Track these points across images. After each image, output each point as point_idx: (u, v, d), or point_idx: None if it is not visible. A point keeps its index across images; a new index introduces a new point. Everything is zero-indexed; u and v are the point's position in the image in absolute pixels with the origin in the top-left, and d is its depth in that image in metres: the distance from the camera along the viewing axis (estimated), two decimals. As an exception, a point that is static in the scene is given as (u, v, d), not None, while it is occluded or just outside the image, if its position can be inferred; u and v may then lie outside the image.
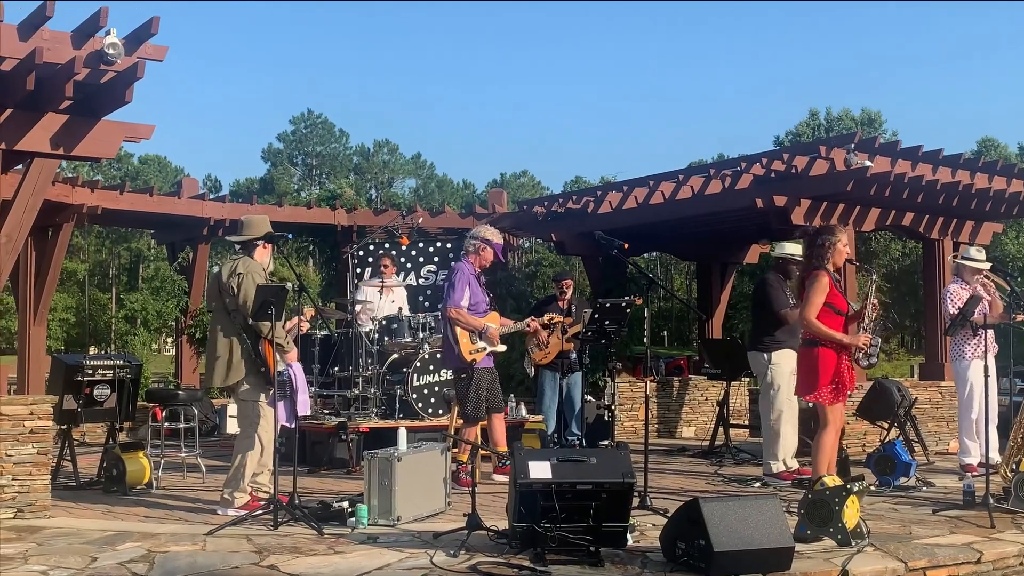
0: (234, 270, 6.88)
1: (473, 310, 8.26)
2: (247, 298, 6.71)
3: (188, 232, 14.95)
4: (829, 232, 7.17)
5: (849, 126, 66.85)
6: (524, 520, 5.38)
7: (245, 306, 6.72)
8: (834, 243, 7.05)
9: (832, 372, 6.83)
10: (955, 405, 10.48)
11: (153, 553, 5.53)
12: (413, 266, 14.57)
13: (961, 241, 12.41)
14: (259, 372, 6.81)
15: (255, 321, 6.64)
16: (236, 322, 6.84)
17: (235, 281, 6.81)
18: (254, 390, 6.86)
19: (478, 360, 8.19)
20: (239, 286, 6.78)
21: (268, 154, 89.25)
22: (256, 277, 6.80)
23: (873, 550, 5.65)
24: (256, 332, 6.75)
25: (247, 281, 6.77)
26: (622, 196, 13.25)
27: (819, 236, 7.14)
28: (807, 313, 6.86)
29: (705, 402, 13.59)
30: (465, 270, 8.29)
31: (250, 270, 6.85)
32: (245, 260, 6.94)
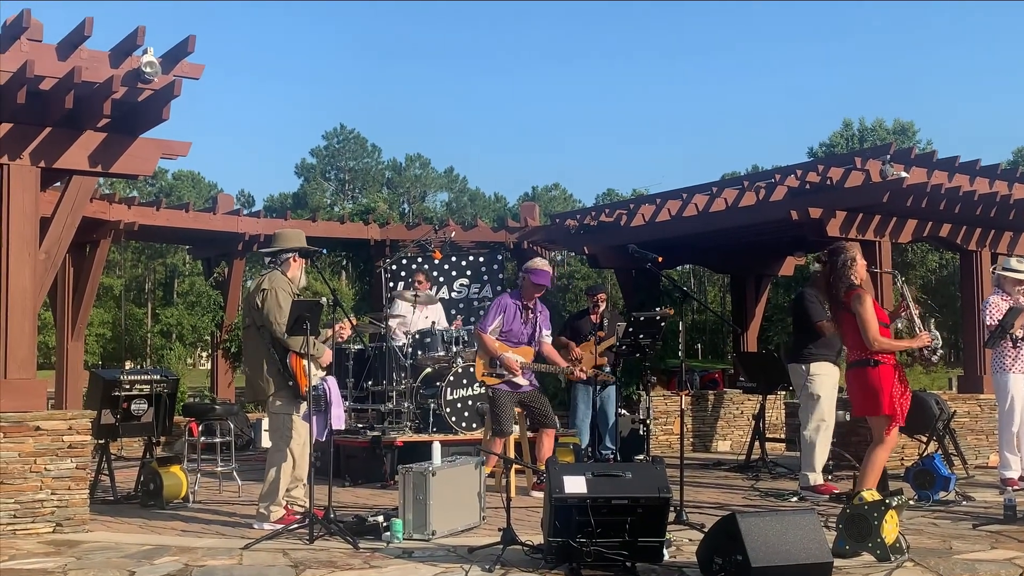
0: (259, 285, 6.97)
1: (505, 339, 8.48)
2: (270, 313, 6.79)
3: (223, 247, 15.09)
4: (842, 251, 7.34)
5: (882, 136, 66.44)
6: (559, 535, 5.37)
7: (268, 321, 6.79)
8: (853, 258, 7.22)
9: (891, 387, 6.91)
10: (995, 418, 10.35)
11: (190, 567, 5.56)
12: (446, 280, 14.62)
13: (999, 252, 12.25)
14: (288, 386, 6.84)
15: (290, 336, 6.67)
16: (264, 337, 6.89)
17: (260, 297, 6.89)
18: (285, 404, 6.90)
19: (488, 383, 8.42)
20: (263, 302, 6.85)
21: (301, 169, 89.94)
22: (281, 292, 6.84)
23: (913, 565, 5.57)
24: (284, 346, 6.79)
25: (271, 297, 6.83)
26: (655, 209, 13.21)
27: (836, 258, 7.26)
28: (872, 334, 6.99)
29: (740, 416, 13.50)
30: (504, 299, 8.60)
31: (275, 285, 6.89)
32: (272, 275, 6.99)
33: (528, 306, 8.61)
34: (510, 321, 8.51)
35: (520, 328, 8.56)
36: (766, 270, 15.05)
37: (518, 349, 8.56)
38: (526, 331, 8.59)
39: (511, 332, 8.53)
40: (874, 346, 6.97)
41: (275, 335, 6.79)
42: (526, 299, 8.60)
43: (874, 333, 6.96)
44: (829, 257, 7.37)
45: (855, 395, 7.28)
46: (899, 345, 7.08)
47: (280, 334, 6.74)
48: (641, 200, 14.25)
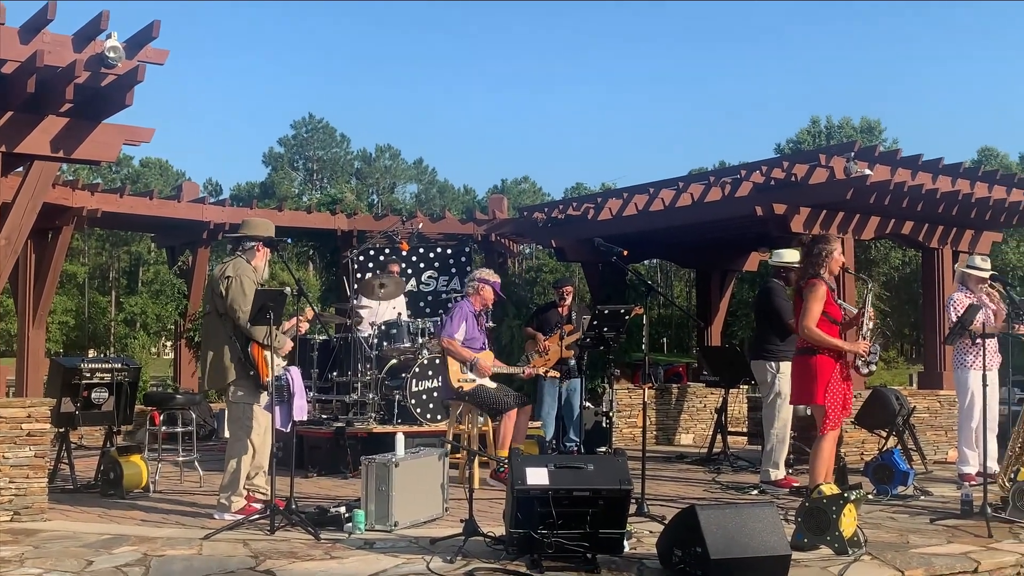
0: (223, 272, 6.90)
1: (468, 345, 8.71)
2: (234, 301, 6.73)
3: (188, 235, 14.95)
4: (824, 241, 7.25)
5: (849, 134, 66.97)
6: (521, 526, 5.38)
7: (231, 309, 6.74)
8: (830, 251, 7.16)
9: (829, 378, 6.90)
10: (954, 414, 10.48)
11: (149, 557, 5.52)
12: (414, 272, 14.58)
13: (961, 250, 12.40)
14: (249, 376, 6.79)
15: (253, 325, 6.63)
16: (226, 324, 6.83)
17: (224, 284, 6.82)
18: (246, 393, 6.85)
19: (465, 388, 8.56)
20: (228, 289, 6.79)
21: (269, 158, 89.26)
22: (246, 281, 6.79)
23: (870, 559, 5.64)
24: (246, 335, 6.74)
25: (235, 285, 6.77)
26: (622, 203, 13.25)
27: (814, 245, 7.23)
28: (807, 322, 6.94)
29: (704, 409, 13.58)
30: (464, 307, 8.79)
31: (239, 273, 6.83)
32: (237, 263, 6.93)
33: (481, 312, 8.96)
34: (471, 329, 8.77)
35: (478, 335, 8.86)
36: (731, 265, 15.14)
37: (481, 354, 8.78)
38: (481, 337, 8.92)
39: (474, 339, 8.80)
40: (802, 333, 7.00)
41: (238, 324, 6.74)
42: (480, 306, 8.91)
43: (807, 321, 6.92)
44: (811, 242, 7.36)
45: (794, 383, 7.31)
46: (828, 341, 6.95)
47: (243, 323, 6.69)
48: (608, 194, 14.29)
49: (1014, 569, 5.79)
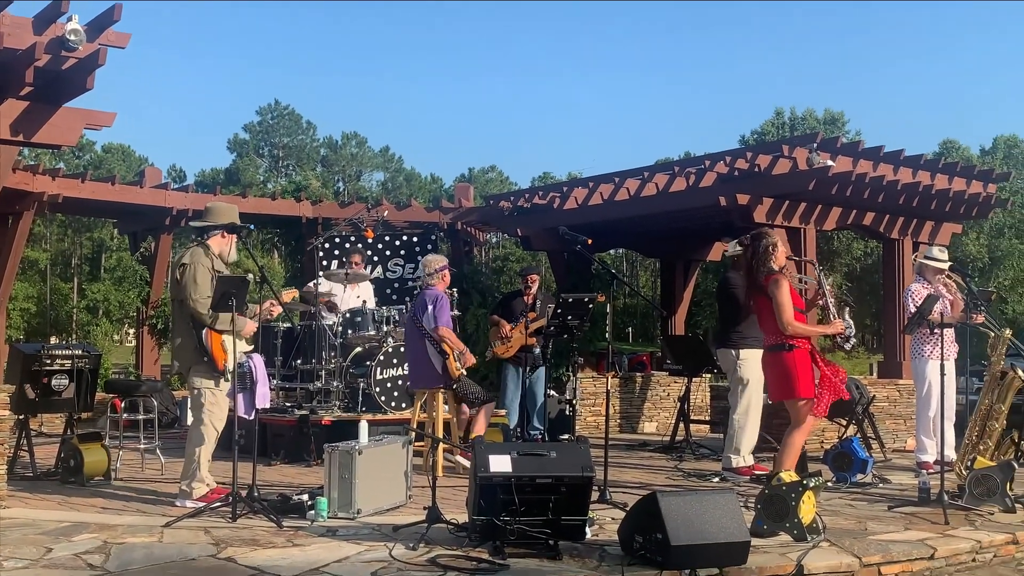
0: (180, 260, 6.90)
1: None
2: (186, 287, 6.72)
3: (150, 222, 14.82)
4: (764, 237, 7.42)
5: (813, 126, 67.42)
6: (484, 513, 5.39)
7: (184, 296, 6.73)
8: (775, 244, 7.32)
9: (809, 371, 7.01)
10: (912, 403, 10.62)
11: (109, 544, 5.49)
12: (380, 259, 14.56)
13: (921, 241, 12.56)
14: (203, 362, 6.77)
15: (215, 312, 6.60)
16: (185, 311, 6.82)
17: (179, 272, 6.82)
18: (203, 380, 6.82)
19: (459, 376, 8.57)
20: (182, 276, 6.78)
21: (234, 145, 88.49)
22: (199, 268, 6.75)
23: (828, 545, 5.71)
24: (201, 321, 6.72)
25: (188, 272, 6.75)
26: (588, 192, 13.30)
27: (758, 243, 7.37)
28: (787, 318, 7.06)
29: (667, 398, 13.67)
30: (444, 296, 8.67)
31: (194, 260, 6.81)
32: (194, 250, 6.90)
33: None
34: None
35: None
36: (695, 255, 15.25)
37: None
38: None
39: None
40: (787, 330, 7.09)
41: (190, 310, 6.72)
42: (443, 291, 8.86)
43: (788, 317, 7.06)
44: (752, 242, 7.48)
45: (771, 379, 7.41)
46: (812, 330, 7.19)
47: (194, 309, 6.67)
48: (574, 183, 14.34)
49: (969, 555, 5.90)
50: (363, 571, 4.95)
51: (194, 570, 4.97)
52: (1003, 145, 68.34)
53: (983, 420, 7.64)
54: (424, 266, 8.86)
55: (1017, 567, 5.98)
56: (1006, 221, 51.53)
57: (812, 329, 7.21)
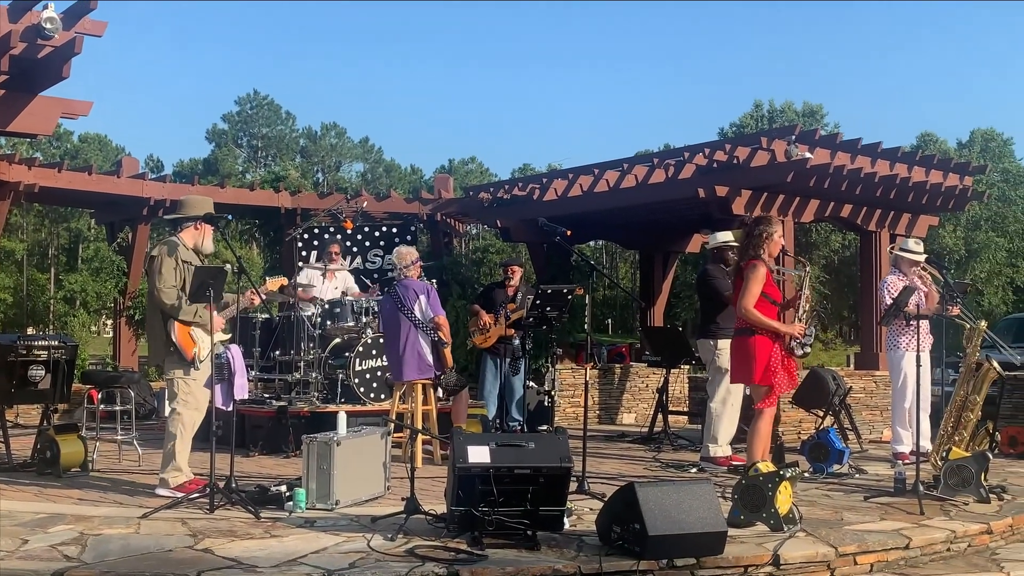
0: (150, 252, 6.93)
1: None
2: (152, 278, 6.74)
3: (128, 212, 14.73)
4: (766, 223, 7.35)
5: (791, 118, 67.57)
6: (462, 504, 5.40)
7: (151, 286, 6.75)
8: (771, 233, 7.25)
9: (768, 359, 7.00)
10: (889, 394, 10.69)
11: (86, 536, 5.46)
12: (359, 250, 14.53)
13: (898, 233, 12.63)
14: (171, 352, 6.78)
15: (193, 302, 6.59)
16: (156, 303, 6.81)
17: (148, 263, 6.86)
18: (172, 369, 6.83)
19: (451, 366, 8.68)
20: (149, 268, 6.82)
21: (212, 135, 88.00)
22: (166, 260, 6.75)
23: (805, 535, 5.75)
24: (166, 312, 6.71)
25: (155, 264, 6.76)
26: (567, 183, 13.31)
27: (756, 226, 7.33)
28: (745, 302, 7.04)
29: (645, 389, 13.72)
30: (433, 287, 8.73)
31: (162, 253, 6.81)
32: (166, 243, 6.89)
33: None
34: None
35: None
36: (674, 247, 15.28)
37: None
38: None
39: None
40: (739, 312, 7.11)
41: (156, 301, 6.73)
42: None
43: (745, 302, 7.03)
44: (752, 223, 7.46)
45: (732, 362, 7.44)
46: (765, 322, 7.06)
47: (159, 299, 6.70)
48: (554, 175, 14.34)
49: (944, 545, 5.95)
50: (341, 562, 4.94)
51: (171, 561, 4.95)
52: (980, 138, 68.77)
53: (958, 411, 7.69)
54: (400, 258, 8.84)
55: (991, 556, 6.03)
56: (983, 214, 51.88)
57: (766, 321, 7.08)
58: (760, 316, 7.05)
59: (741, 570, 5.22)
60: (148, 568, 4.78)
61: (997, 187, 53.12)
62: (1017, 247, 55.05)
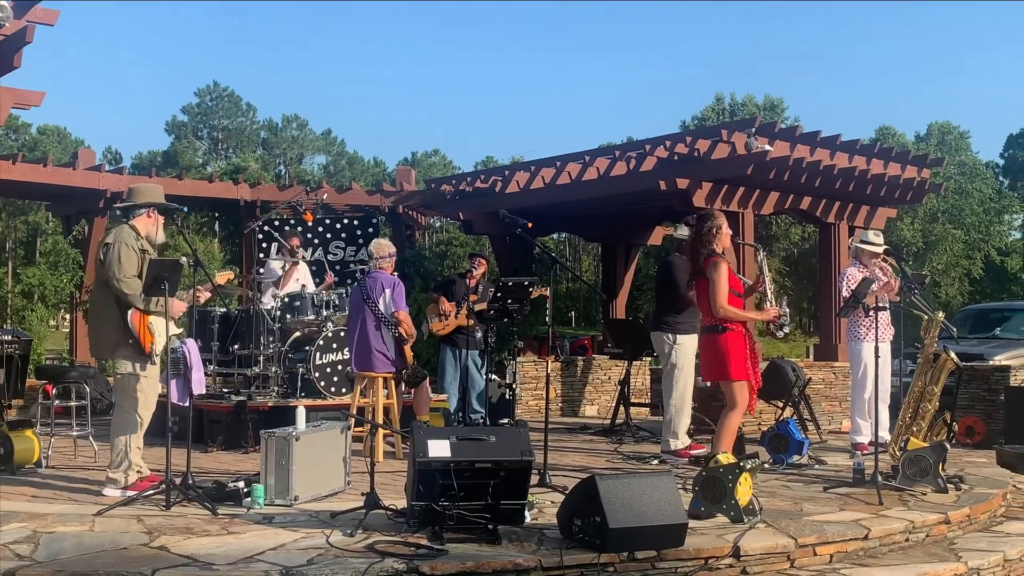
0: (103, 240, 6.72)
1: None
2: (110, 267, 6.53)
3: (84, 204, 14.50)
4: (710, 218, 7.44)
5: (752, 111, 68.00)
6: (422, 499, 5.35)
7: (108, 276, 6.54)
8: (719, 227, 7.34)
9: (741, 354, 7.05)
10: (848, 385, 10.77)
11: (39, 534, 5.36)
12: (321, 242, 14.41)
13: (856, 226, 12.72)
14: (128, 344, 6.59)
15: (147, 296, 6.45)
16: (110, 292, 6.61)
17: (102, 251, 6.63)
18: (129, 363, 6.62)
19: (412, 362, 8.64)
20: (105, 255, 6.59)
21: (172, 127, 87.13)
22: (123, 247, 6.56)
23: (765, 527, 5.76)
24: (127, 302, 6.56)
25: (112, 252, 6.57)
26: (530, 176, 13.28)
27: (703, 224, 7.41)
28: (720, 300, 7.09)
29: (608, 381, 13.73)
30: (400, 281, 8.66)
31: (119, 239, 6.62)
32: (119, 229, 6.72)
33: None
34: None
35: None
36: (635, 239, 15.30)
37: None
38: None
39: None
40: (719, 313, 7.14)
41: (115, 291, 6.55)
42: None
43: (721, 300, 7.10)
44: (697, 223, 7.52)
45: (705, 360, 7.47)
46: (744, 315, 7.21)
47: (119, 289, 6.49)
48: (516, 167, 14.31)
49: (903, 535, 5.99)
50: (299, 558, 4.88)
51: (126, 559, 4.86)
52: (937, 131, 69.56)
53: (916, 402, 7.76)
54: (376, 249, 8.77)
55: (949, 546, 6.08)
56: (940, 207, 52.50)
57: (744, 314, 7.23)
58: (737, 310, 7.17)
59: (702, 562, 5.22)
60: (102, 566, 4.69)
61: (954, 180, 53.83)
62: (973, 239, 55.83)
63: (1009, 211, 61.70)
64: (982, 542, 6.21)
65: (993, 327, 15.96)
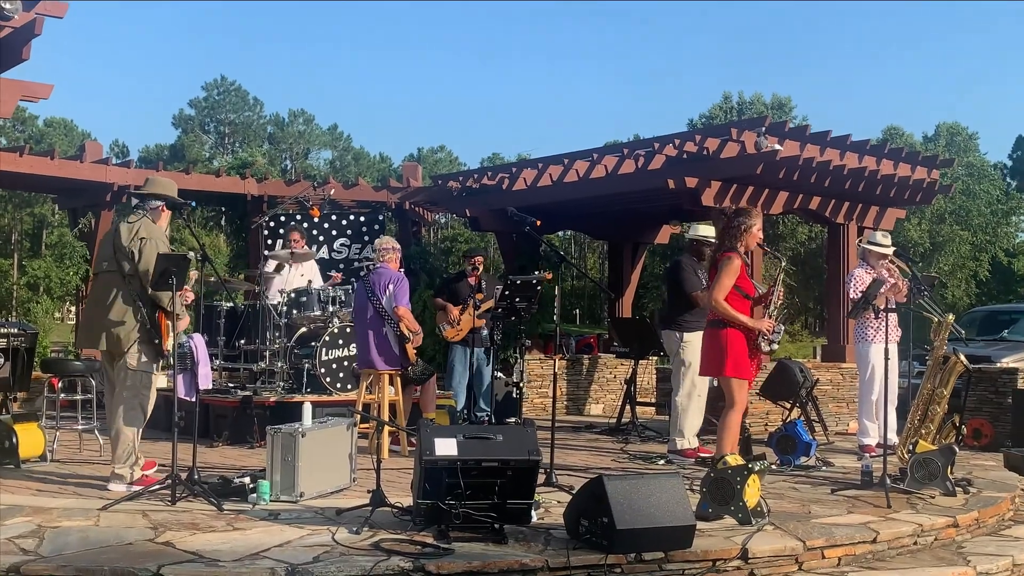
0: (136, 233, 6.55)
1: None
2: (148, 265, 6.44)
3: (91, 198, 14.45)
4: (745, 215, 7.29)
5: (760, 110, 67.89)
6: (429, 497, 5.34)
7: (145, 274, 6.46)
8: (749, 226, 7.19)
9: (739, 352, 6.97)
10: (855, 387, 10.72)
11: (44, 528, 5.35)
12: (326, 239, 14.38)
13: (865, 226, 12.66)
14: (153, 344, 6.55)
15: (154, 291, 6.41)
16: (132, 288, 6.55)
17: (137, 245, 6.50)
18: (148, 361, 6.60)
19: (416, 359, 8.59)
20: (140, 251, 6.48)
21: (179, 121, 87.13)
22: (160, 244, 6.55)
23: (773, 529, 5.73)
24: (153, 301, 6.51)
25: (149, 247, 6.48)
26: (537, 173, 13.23)
27: (735, 218, 7.26)
28: (716, 294, 6.99)
29: (614, 380, 13.70)
30: (405, 277, 8.60)
31: (153, 235, 6.57)
32: (147, 224, 6.65)
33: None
34: None
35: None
36: (642, 238, 15.24)
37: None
38: None
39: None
40: (710, 304, 7.07)
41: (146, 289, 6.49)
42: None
43: (717, 294, 6.98)
44: (733, 214, 7.39)
45: (704, 354, 7.38)
46: (735, 316, 6.99)
47: (155, 294, 6.43)
48: (524, 164, 14.24)
49: (911, 539, 5.96)
50: (305, 555, 4.86)
51: (131, 555, 4.85)
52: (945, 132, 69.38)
53: (925, 404, 7.71)
54: (377, 243, 8.80)
55: (958, 550, 6.05)
56: (947, 208, 52.36)
57: (734, 314, 7.01)
58: (728, 308, 7.00)
59: (709, 564, 5.20)
60: (107, 562, 4.67)
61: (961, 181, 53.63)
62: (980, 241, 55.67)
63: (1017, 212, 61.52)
64: (990, 546, 6.17)
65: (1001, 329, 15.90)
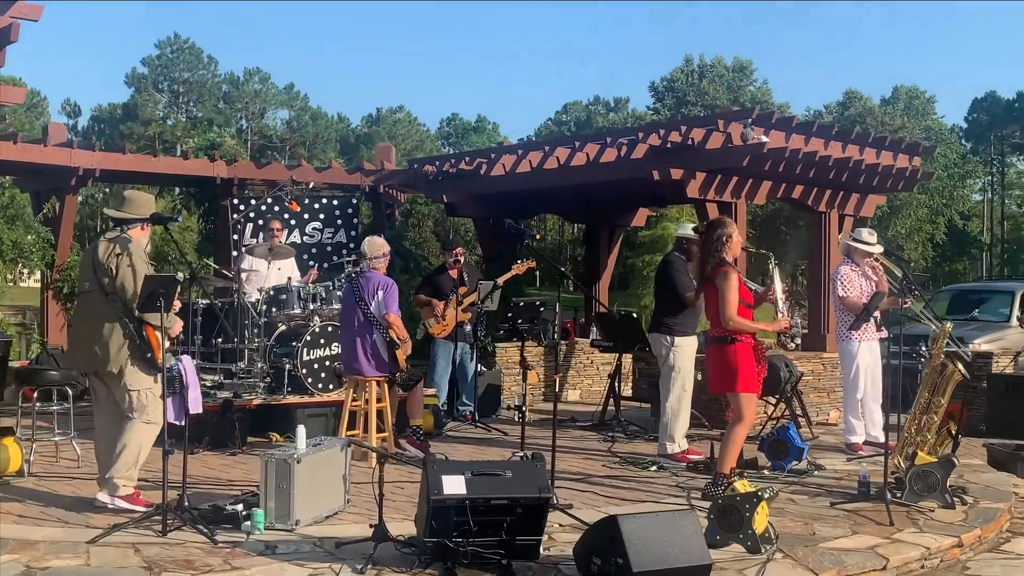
0: (112, 250, 6.40)
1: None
2: (124, 282, 6.30)
3: (54, 181, 14.01)
4: (721, 226, 7.27)
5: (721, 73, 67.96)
6: (435, 535, 5.19)
7: (123, 291, 6.31)
8: (729, 235, 7.19)
9: (748, 366, 6.91)
10: (836, 376, 10.72)
11: (33, 569, 5.14)
12: (298, 223, 14.07)
13: (847, 214, 12.64)
14: (145, 358, 6.38)
15: (142, 312, 6.20)
16: (115, 305, 6.37)
17: (114, 263, 6.35)
18: (144, 376, 6.42)
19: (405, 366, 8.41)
20: (117, 268, 6.33)
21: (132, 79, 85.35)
22: (137, 261, 6.35)
23: (782, 557, 5.66)
24: (140, 317, 6.31)
25: (124, 263, 6.32)
26: (516, 159, 13.02)
27: (712, 231, 7.23)
28: (730, 312, 6.94)
29: (591, 365, 13.64)
30: (394, 283, 8.42)
31: (130, 252, 6.38)
32: (124, 240, 6.46)
33: None
34: None
35: None
36: (620, 220, 15.11)
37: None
38: None
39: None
40: (728, 324, 6.98)
41: (129, 306, 6.30)
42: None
43: (731, 312, 6.95)
44: (706, 230, 7.36)
45: (712, 371, 7.29)
46: (754, 327, 7.02)
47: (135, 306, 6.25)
48: (503, 150, 14.01)
49: (919, 562, 5.92)
50: (310, 602, 4.70)
51: (130, 607, 4.66)
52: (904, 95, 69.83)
53: (922, 413, 7.65)
54: (370, 247, 8.51)
55: (963, 570, 6.03)
56: (906, 172, 52.78)
57: (754, 325, 7.07)
58: (747, 323, 7.01)
59: (725, 603, 5.11)
60: (107, 617, 4.49)
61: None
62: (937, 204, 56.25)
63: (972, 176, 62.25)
64: (995, 567, 6.15)
65: (972, 308, 16.07)
